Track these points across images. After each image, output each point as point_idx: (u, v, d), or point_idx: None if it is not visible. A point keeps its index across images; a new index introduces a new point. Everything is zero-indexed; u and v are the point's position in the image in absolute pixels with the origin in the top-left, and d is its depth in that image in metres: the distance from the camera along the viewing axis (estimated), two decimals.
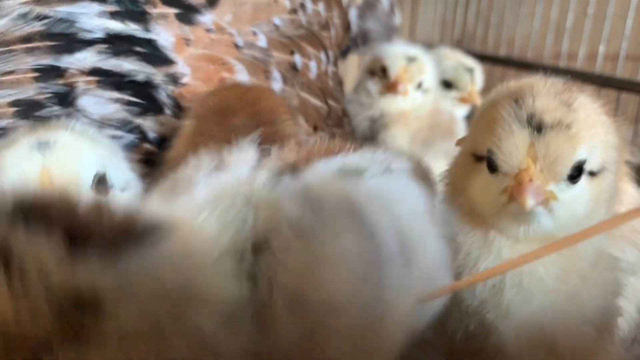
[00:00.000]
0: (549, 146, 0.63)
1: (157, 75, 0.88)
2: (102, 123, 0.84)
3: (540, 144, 0.63)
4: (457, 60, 1.60)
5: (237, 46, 0.96)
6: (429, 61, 1.46)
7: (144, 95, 0.86)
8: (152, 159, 0.87)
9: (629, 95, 1.76)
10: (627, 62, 1.86)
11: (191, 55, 0.91)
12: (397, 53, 1.41)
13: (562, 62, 1.93)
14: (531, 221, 0.66)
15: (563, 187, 0.65)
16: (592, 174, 0.66)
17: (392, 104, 1.41)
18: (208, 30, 0.93)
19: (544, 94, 0.65)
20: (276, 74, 0.97)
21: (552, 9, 1.96)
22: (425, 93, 1.45)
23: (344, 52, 1.58)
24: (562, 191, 0.65)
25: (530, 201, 0.61)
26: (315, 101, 1.04)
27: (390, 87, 1.38)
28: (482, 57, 2.17)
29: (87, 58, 0.82)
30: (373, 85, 1.42)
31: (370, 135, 1.42)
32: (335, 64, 1.27)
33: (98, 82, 0.82)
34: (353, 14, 1.54)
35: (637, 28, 1.74)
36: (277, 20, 1.02)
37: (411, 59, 1.40)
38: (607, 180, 0.69)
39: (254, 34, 0.98)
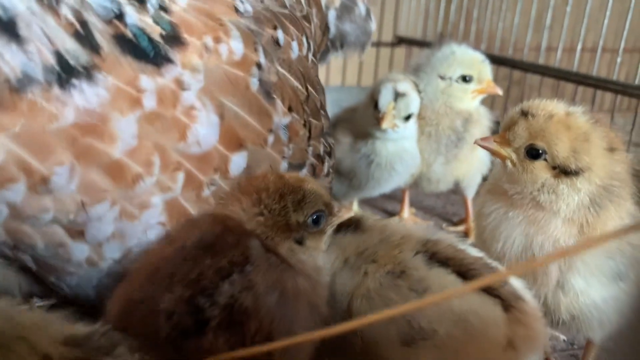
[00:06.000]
0: None
1: None
2: None
3: None
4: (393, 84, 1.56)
5: (237, 10, 0.91)
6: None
7: None
8: None
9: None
10: (604, 54, 1.91)
11: (192, 4, 0.84)
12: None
13: (541, 56, 1.97)
14: None
15: None
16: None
17: (462, 105, 1.58)
18: None
19: None
20: (260, 47, 0.92)
21: (532, 5, 1.99)
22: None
23: (323, 55, 1.61)
24: None
25: None
26: (294, 81, 1.00)
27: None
28: None
29: None
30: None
31: None
32: (316, 57, 1.23)
33: None
34: (332, 15, 1.56)
35: (614, 22, 1.78)
36: None
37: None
38: None
39: (242, 2, 0.93)
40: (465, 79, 1.58)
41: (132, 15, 0.76)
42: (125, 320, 0.72)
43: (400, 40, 2.46)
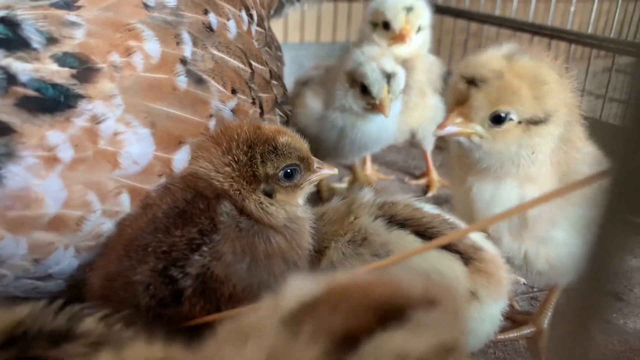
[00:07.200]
0: None
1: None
2: None
3: None
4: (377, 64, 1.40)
5: (146, 6, 0.84)
6: (423, 4, 1.59)
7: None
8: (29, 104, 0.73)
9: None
10: (558, 4, 1.94)
11: (93, 17, 0.78)
12: (395, 6, 1.54)
13: (497, 8, 1.98)
14: None
15: None
16: None
17: (401, 50, 1.58)
18: None
19: None
20: (186, 37, 0.87)
21: None
22: (422, 31, 1.63)
23: (278, 10, 1.56)
24: None
25: None
26: (235, 62, 0.96)
27: (397, 39, 1.55)
28: None
29: None
30: (380, 39, 1.58)
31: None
32: (261, 25, 1.16)
33: None
34: None
35: None
36: None
37: (409, 9, 1.54)
38: None
39: None
40: (385, 25, 1.58)
41: (25, 70, 0.72)
42: (107, 292, 0.74)
43: None
